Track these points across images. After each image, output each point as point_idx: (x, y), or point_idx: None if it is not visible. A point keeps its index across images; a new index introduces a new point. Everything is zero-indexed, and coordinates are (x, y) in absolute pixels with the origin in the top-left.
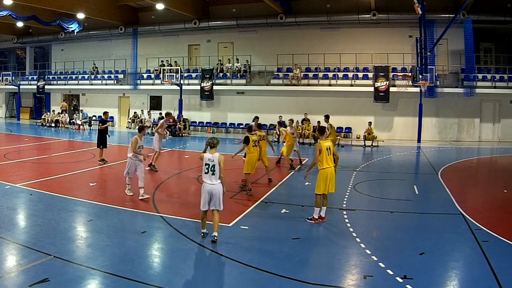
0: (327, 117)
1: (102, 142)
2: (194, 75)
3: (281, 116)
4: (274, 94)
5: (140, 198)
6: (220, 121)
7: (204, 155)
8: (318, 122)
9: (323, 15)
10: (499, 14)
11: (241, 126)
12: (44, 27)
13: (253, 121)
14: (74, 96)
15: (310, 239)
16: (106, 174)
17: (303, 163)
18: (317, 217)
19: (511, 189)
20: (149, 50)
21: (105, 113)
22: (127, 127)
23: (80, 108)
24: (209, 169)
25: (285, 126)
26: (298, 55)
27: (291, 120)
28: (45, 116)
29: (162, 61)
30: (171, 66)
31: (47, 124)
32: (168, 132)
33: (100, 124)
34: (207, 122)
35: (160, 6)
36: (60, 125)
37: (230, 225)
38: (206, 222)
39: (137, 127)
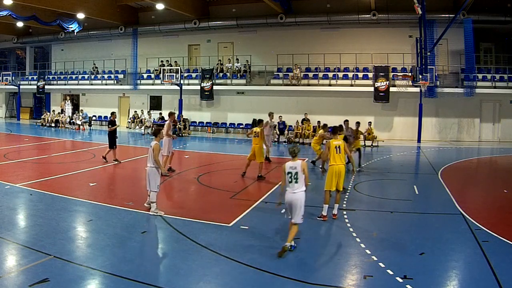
0: (357, 124)
1: (114, 142)
2: (194, 75)
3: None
4: (274, 94)
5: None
6: (220, 121)
7: (285, 164)
8: (318, 122)
9: (323, 15)
10: (499, 14)
11: (241, 126)
12: (44, 27)
13: (344, 122)
14: (74, 96)
15: (310, 239)
16: (106, 174)
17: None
18: (325, 214)
19: (511, 189)
20: (149, 50)
21: (113, 113)
22: (127, 127)
23: (80, 108)
24: (292, 177)
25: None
26: (298, 55)
27: (270, 114)
28: (45, 116)
29: (162, 61)
30: (171, 66)
31: (47, 124)
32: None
33: (110, 125)
34: (207, 122)
35: (160, 6)
36: (60, 125)
37: (230, 225)
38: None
39: (146, 130)
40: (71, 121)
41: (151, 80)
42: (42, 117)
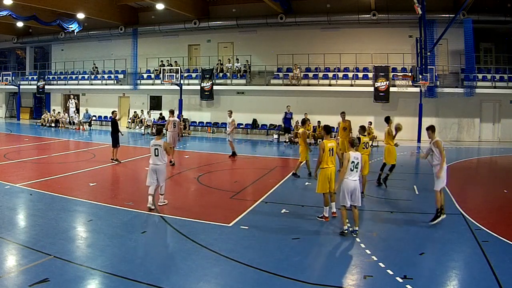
0: (387, 119)
1: (117, 141)
2: (194, 75)
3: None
4: (274, 94)
5: (160, 204)
6: (220, 121)
7: (350, 154)
8: (318, 122)
9: (323, 15)
10: (499, 14)
11: (241, 126)
12: (44, 27)
13: (386, 121)
14: (75, 96)
15: (310, 239)
16: (106, 174)
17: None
18: (327, 215)
19: (511, 189)
20: (149, 50)
21: (114, 111)
22: (127, 127)
23: (86, 108)
24: (354, 166)
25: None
26: (298, 55)
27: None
28: (45, 116)
29: (162, 61)
30: (171, 66)
31: (47, 124)
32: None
33: (112, 124)
34: (207, 122)
35: (160, 6)
36: (60, 125)
37: (230, 225)
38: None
39: (146, 130)
40: (72, 121)
41: (151, 80)
42: (42, 117)
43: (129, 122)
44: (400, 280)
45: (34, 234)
